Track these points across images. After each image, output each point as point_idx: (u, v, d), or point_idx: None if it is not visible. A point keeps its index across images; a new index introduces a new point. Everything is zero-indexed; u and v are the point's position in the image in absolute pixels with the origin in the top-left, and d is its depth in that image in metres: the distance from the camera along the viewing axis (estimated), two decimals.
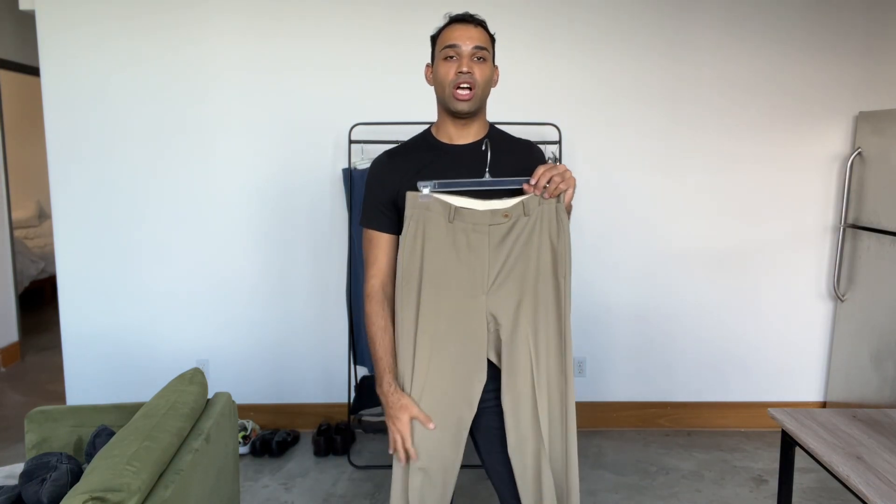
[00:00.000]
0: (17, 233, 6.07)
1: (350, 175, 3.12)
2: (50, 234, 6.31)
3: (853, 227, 3.35)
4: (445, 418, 1.65)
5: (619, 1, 3.28)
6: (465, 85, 1.63)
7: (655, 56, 3.32)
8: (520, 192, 1.64)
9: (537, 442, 1.67)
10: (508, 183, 1.62)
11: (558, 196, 1.63)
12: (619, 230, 3.42)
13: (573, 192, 1.65)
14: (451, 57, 1.63)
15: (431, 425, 1.64)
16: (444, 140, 1.74)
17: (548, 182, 1.60)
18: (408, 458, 1.64)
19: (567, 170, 1.63)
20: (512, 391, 1.65)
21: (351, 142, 3.14)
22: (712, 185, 3.41)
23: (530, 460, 1.67)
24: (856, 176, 3.35)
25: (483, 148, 1.68)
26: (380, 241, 1.80)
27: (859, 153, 3.32)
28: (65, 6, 3.18)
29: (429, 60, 1.76)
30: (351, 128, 3.15)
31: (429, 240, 1.62)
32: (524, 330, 1.64)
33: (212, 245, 3.37)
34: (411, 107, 3.26)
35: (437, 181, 1.61)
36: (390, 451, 1.68)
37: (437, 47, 1.68)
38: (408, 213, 1.63)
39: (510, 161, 1.73)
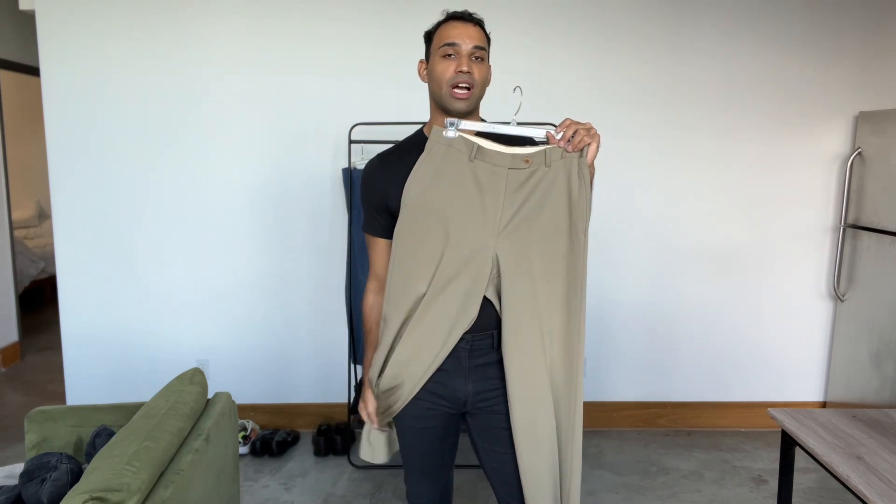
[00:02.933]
0: (17, 233, 6.07)
1: (350, 175, 3.12)
2: (50, 234, 6.31)
3: (853, 227, 3.35)
4: (432, 340, 1.60)
5: (619, 1, 3.28)
6: (464, 85, 1.61)
7: (655, 56, 3.32)
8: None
9: (546, 411, 1.59)
10: (534, 130, 1.59)
11: (581, 151, 1.57)
12: (619, 230, 3.42)
13: (597, 149, 1.58)
14: (450, 55, 1.61)
15: (375, 426, 1.76)
16: None
17: (573, 135, 1.55)
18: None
19: (591, 125, 1.57)
20: (513, 340, 1.58)
21: (351, 142, 3.14)
22: (712, 185, 3.41)
23: (533, 417, 1.59)
24: (856, 176, 3.35)
25: (515, 89, 1.66)
26: (376, 246, 1.78)
27: (859, 153, 3.32)
28: (65, 6, 3.18)
29: (422, 56, 1.73)
30: (351, 128, 3.15)
31: (445, 175, 1.58)
32: (529, 281, 1.57)
33: (212, 245, 3.37)
34: (411, 107, 3.26)
35: (459, 120, 1.58)
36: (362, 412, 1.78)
37: (434, 44, 1.66)
38: (429, 145, 1.59)
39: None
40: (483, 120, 1.77)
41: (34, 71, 4.67)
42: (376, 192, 1.71)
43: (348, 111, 3.27)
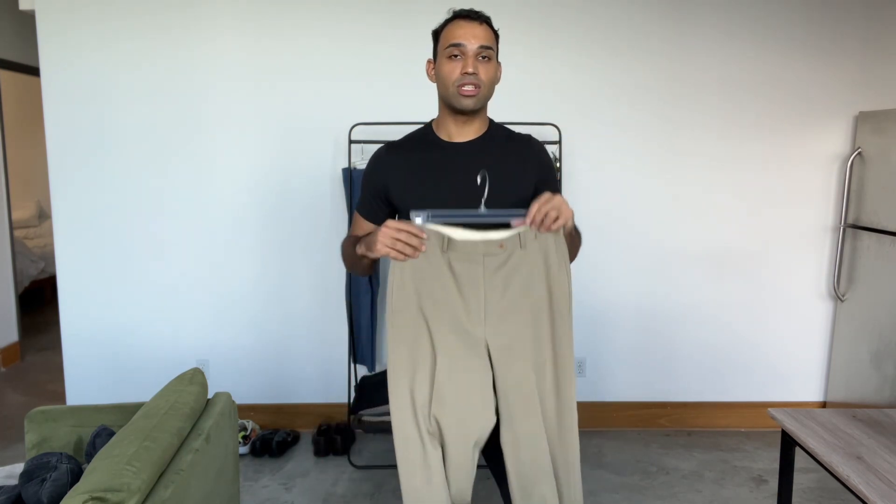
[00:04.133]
0: (17, 233, 6.07)
1: (350, 175, 3.12)
2: (50, 234, 6.31)
3: (853, 227, 3.35)
4: (458, 445, 1.60)
5: (619, 1, 3.28)
6: (470, 85, 1.60)
7: (656, 56, 3.32)
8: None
9: (544, 483, 1.62)
10: (504, 215, 1.54)
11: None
12: (620, 230, 3.42)
13: (572, 223, 1.58)
14: (456, 56, 1.60)
15: (424, 235, 1.51)
16: (444, 137, 1.72)
17: (543, 218, 1.49)
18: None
19: (562, 201, 1.50)
20: (510, 430, 1.60)
21: (351, 142, 3.14)
22: (712, 185, 3.41)
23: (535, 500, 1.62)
24: (856, 176, 3.35)
25: (479, 181, 1.61)
26: (362, 222, 1.80)
27: (859, 153, 3.32)
28: (65, 6, 3.18)
29: (430, 56, 1.72)
30: (351, 128, 3.15)
31: (422, 270, 1.55)
32: (522, 365, 1.59)
33: (212, 245, 3.37)
34: (411, 107, 3.25)
35: (430, 211, 1.53)
36: (397, 253, 1.52)
37: (441, 44, 1.64)
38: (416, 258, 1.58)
39: (510, 156, 1.71)
40: (491, 120, 1.75)
41: (34, 71, 4.66)
42: (378, 180, 1.72)
43: (348, 111, 3.27)
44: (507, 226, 1.55)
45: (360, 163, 3.16)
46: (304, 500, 2.85)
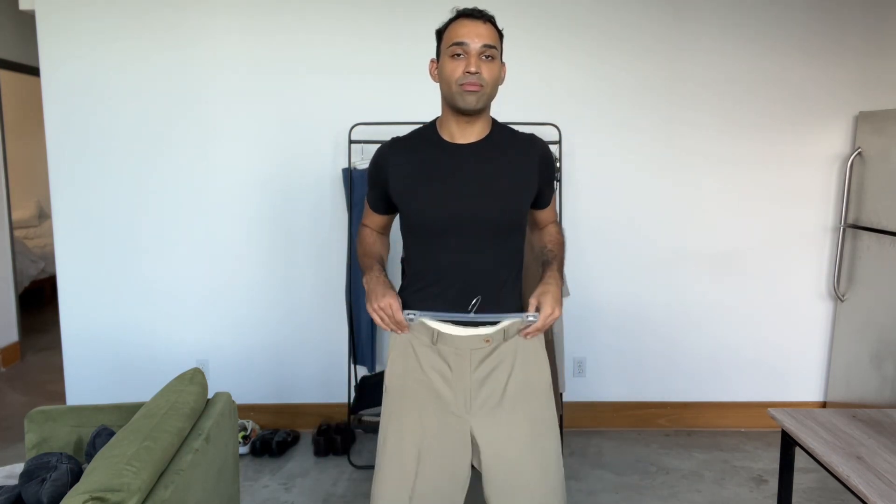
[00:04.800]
0: (17, 233, 6.07)
1: (350, 175, 3.12)
2: (50, 234, 6.31)
3: (853, 227, 3.35)
4: None
5: (619, 1, 3.28)
6: (473, 85, 1.57)
7: (656, 56, 3.32)
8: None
9: None
10: (491, 318, 1.65)
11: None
12: (619, 229, 3.42)
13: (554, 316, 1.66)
14: (459, 55, 1.58)
15: (406, 330, 1.67)
16: (446, 137, 1.69)
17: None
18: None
19: (558, 308, 1.63)
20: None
21: (351, 142, 3.14)
22: (712, 185, 3.41)
23: None
24: (856, 176, 3.35)
25: (471, 308, 1.65)
26: (373, 214, 1.87)
27: (859, 153, 3.32)
28: (65, 6, 3.18)
29: (433, 55, 1.70)
30: (351, 128, 3.15)
31: (413, 359, 1.68)
32: (507, 453, 1.67)
33: (212, 245, 3.37)
34: (411, 107, 3.26)
35: (420, 312, 1.65)
36: (381, 324, 1.66)
37: (444, 43, 1.62)
38: (393, 336, 1.73)
39: (513, 159, 1.70)
40: (494, 120, 1.75)
41: (34, 71, 4.66)
42: (380, 174, 1.74)
43: (348, 111, 3.27)
44: (492, 323, 1.66)
45: (360, 163, 3.16)
46: (304, 500, 2.85)
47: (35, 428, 2.11)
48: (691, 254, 3.46)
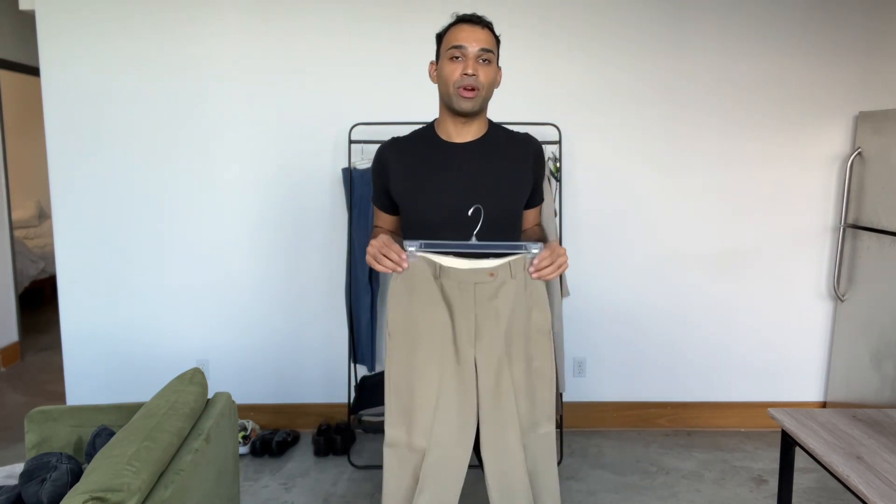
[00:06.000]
0: (17, 233, 6.07)
1: (350, 175, 3.12)
2: (50, 234, 6.31)
3: (853, 227, 3.35)
4: (443, 471, 1.68)
5: (620, 1, 3.28)
6: (470, 86, 1.64)
7: (655, 56, 3.32)
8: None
9: (521, 496, 1.70)
10: (494, 248, 1.64)
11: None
12: (620, 230, 3.42)
13: (560, 272, 1.68)
14: (457, 58, 1.65)
15: (405, 264, 1.61)
16: (444, 137, 1.76)
17: (545, 266, 1.63)
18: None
19: (563, 258, 1.62)
20: (492, 446, 1.68)
21: (351, 142, 3.14)
22: (712, 185, 3.41)
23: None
24: (856, 176, 3.35)
25: (470, 213, 1.68)
26: (381, 215, 1.90)
27: (859, 153, 3.32)
28: (65, 6, 3.18)
29: (433, 58, 1.77)
30: (351, 128, 3.15)
31: (416, 296, 1.66)
32: (506, 387, 1.67)
33: (211, 245, 3.37)
34: (411, 107, 3.26)
35: (423, 241, 1.63)
36: (378, 265, 1.61)
37: (443, 46, 1.69)
38: (393, 279, 1.70)
39: (508, 157, 1.76)
40: (490, 121, 1.80)
41: (34, 71, 4.67)
42: (382, 172, 1.80)
43: (348, 111, 3.27)
44: (497, 256, 1.65)
45: (360, 163, 3.16)
46: (304, 500, 2.85)
47: (35, 428, 2.11)
48: (691, 254, 3.46)
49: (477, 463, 1.77)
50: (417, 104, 3.26)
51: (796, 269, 3.48)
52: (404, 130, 3.35)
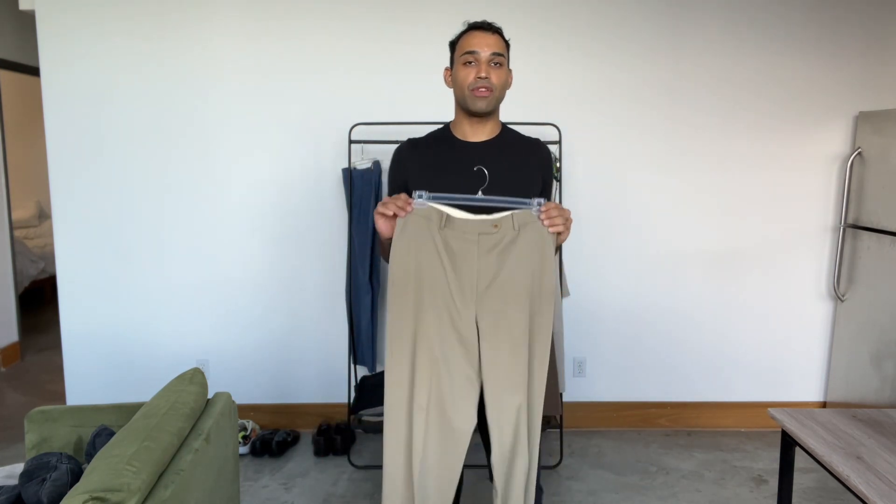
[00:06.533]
0: (17, 233, 6.07)
1: (350, 175, 3.12)
2: (50, 234, 6.31)
3: (853, 227, 3.35)
4: (444, 430, 1.71)
5: (619, 1, 3.28)
6: (483, 88, 1.76)
7: (655, 56, 3.32)
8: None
9: (522, 456, 1.73)
10: (499, 202, 1.71)
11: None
12: (620, 230, 3.42)
13: (566, 236, 1.75)
14: (471, 62, 1.77)
15: (410, 208, 1.69)
16: (459, 136, 1.88)
17: (554, 216, 1.70)
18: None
19: (569, 215, 1.73)
20: (494, 402, 1.71)
21: (351, 142, 3.14)
22: (712, 185, 3.41)
23: (511, 469, 1.74)
24: (856, 176, 3.35)
25: (475, 168, 1.79)
26: None
27: (859, 153, 3.32)
28: (65, 6, 3.18)
29: (447, 64, 1.90)
30: (351, 128, 3.15)
31: (421, 245, 1.69)
32: (508, 340, 1.70)
33: (212, 245, 3.37)
34: (411, 107, 3.26)
35: (432, 193, 1.70)
36: (385, 210, 1.69)
37: (457, 52, 1.82)
38: (401, 217, 1.71)
39: (519, 157, 1.87)
40: (503, 124, 1.92)
41: (34, 71, 4.66)
42: (400, 173, 1.88)
43: (348, 111, 3.27)
44: (501, 210, 1.70)
45: (360, 163, 3.16)
46: (304, 500, 2.85)
47: (35, 428, 2.11)
48: (691, 254, 3.46)
49: (473, 463, 1.78)
50: (417, 104, 3.26)
51: (796, 269, 3.48)
52: (404, 130, 3.36)
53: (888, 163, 3.12)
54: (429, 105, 3.25)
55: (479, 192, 1.76)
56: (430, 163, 1.84)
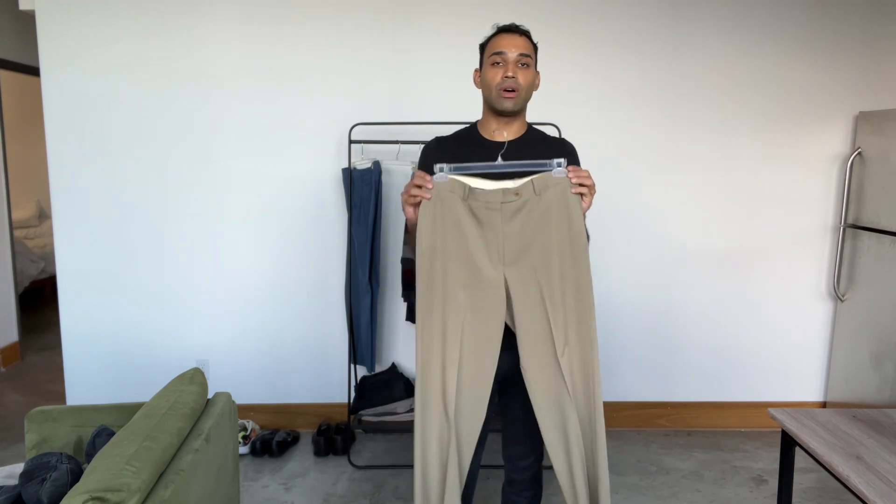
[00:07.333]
0: (17, 233, 6.07)
1: (350, 175, 3.12)
2: (50, 234, 6.31)
3: (853, 227, 3.35)
4: (473, 380, 1.76)
5: (620, 1, 3.28)
6: (510, 88, 1.81)
7: (655, 56, 3.32)
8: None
9: (564, 407, 1.76)
10: (519, 166, 1.75)
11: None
12: (619, 230, 3.42)
13: (590, 201, 1.76)
14: (498, 63, 1.82)
15: (430, 185, 1.73)
16: (486, 136, 1.92)
17: (580, 178, 1.74)
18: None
19: (594, 187, 1.76)
20: (532, 360, 1.75)
21: (351, 142, 3.14)
22: (712, 185, 3.41)
23: (558, 421, 1.77)
24: (856, 176, 3.35)
25: (504, 147, 1.86)
26: None
27: (859, 153, 3.32)
28: (65, 6, 3.18)
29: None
30: (351, 128, 3.15)
31: (446, 217, 1.74)
32: (539, 304, 1.74)
33: (212, 245, 3.37)
34: (411, 107, 3.26)
35: (452, 164, 1.74)
36: (409, 196, 1.74)
37: (486, 54, 1.86)
38: (425, 199, 1.76)
39: (542, 155, 1.88)
40: (529, 124, 1.98)
41: (34, 71, 4.66)
42: (430, 169, 1.87)
43: (348, 111, 3.27)
44: (522, 176, 1.74)
45: (360, 163, 3.16)
46: (304, 500, 2.85)
47: (35, 428, 2.11)
48: (691, 254, 3.46)
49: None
50: (417, 104, 3.26)
51: (796, 269, 3.48)
52: (404, 130, 3.36)
53: (888, 163, 3.12)
54: (429, 105, 3.25)
55: (499, 158, 1.81)
56: (459, 160, 1.86)
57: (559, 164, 1.74)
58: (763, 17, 3.31)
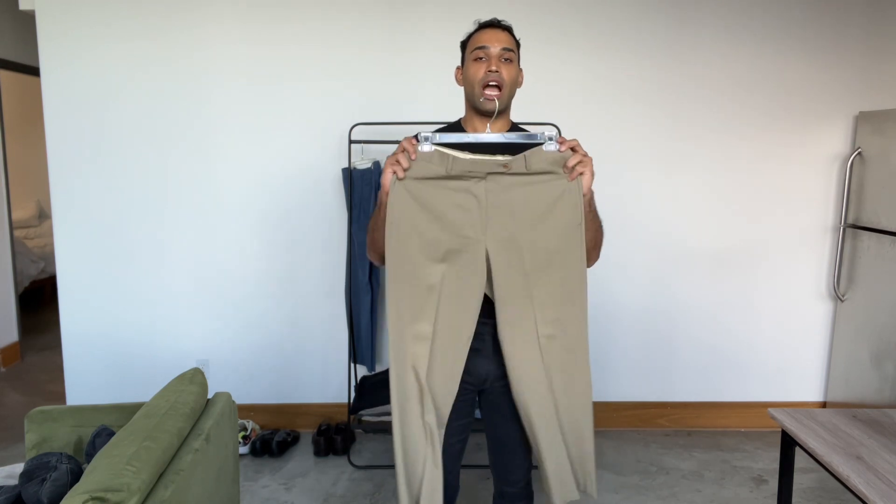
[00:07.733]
0: (17, 233, 6.07)
1: (350, 175, 3.12)
2: (50, 234, 6.31)
3: (853, 227, 3.35)
4: (449, 350, 1.68)
5: (620, 1, 3.28)
6: (494, 83, 1.73)
7: (655, 55, 3.32)
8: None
9: (540, 377, 1.69)
10: (509, 138, 1.69)
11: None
12: (619, 230, 3.42)
13: (590, 179, 1.67)
14: (481, 58, 1.74)
15: (414, 155, 1.63)
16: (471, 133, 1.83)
17: (576, 160, 1.65)
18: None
19: (592, 166, 1.68)
20: (509, 325, 1.68)
21: (351, 142, 3.14)
22: (712, 185, 3.41)
23: (536, 396, 1.69)
24: (856, 176, 3.35)
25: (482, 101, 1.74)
26: None
27: (859, 153, 3.32)
28: (65, 6, 3.18)
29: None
30: (351, 128, 3.15)
31: (424, 187, 1.63)
32: (522, 276, 1.66)
33: (212, 245, 3.37)
34: (411, 107, 3.26)
35: (439, 133, 1.65)
36: (393, 163, 1.64)
37: (468, 49, 1.80)
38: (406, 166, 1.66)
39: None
40: (514, 123, 1.90)
41: (34, 71, 4.66)
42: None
43: (348, 111, 3.27)
44: (511, 151, 1.66)
45: (360, 163, 3.16)
46: (304, 500, 2.85)
47: (35, 428, 2.11)
48: (690, 254, 3.46)
49: (474, 463, 1.75)
50: (417, 104, 3.26)
51: (796, 269, 3.48)
52: (404, 130, 3.35)
53: (888, 163, 3.12)
54: (429, 105, 3.25)
55: (488, 129, 1.74)
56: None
57: (550, 138, 1.65)
58: (763, 17, 3.31)
